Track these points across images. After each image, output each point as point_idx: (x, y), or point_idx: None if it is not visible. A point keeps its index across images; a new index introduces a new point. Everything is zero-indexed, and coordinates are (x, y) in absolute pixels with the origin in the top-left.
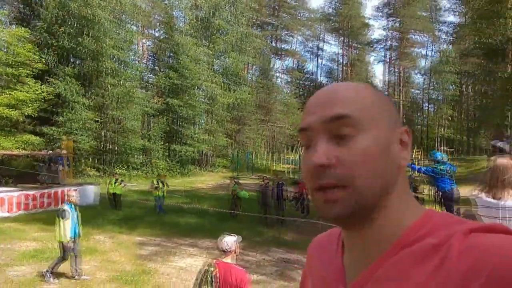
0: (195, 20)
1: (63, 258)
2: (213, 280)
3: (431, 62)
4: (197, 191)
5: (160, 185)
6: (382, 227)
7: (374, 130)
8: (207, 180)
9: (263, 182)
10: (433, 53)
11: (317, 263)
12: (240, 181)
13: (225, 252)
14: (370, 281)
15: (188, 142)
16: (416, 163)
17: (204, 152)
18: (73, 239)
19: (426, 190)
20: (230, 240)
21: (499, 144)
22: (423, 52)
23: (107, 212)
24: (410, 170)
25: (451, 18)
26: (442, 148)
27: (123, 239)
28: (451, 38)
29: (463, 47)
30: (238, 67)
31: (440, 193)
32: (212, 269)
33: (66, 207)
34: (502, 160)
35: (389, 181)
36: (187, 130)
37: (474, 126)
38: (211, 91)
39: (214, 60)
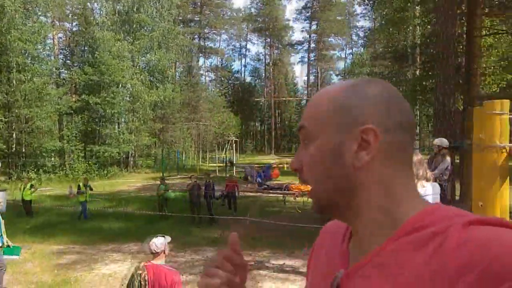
0: (114, 14)
1: None
2: (143, 283)
3: (346, 64)
4: (120, 193)
5: (83, 188)
6: (370, 218)
7: (320, 138)
8: (130, 182)
9: (192, 182)
10: (347, 55)
11: (325, 246)
12: (167, 181)
13: (154, 254)
14: (369, 265)
15: (108, 142)
16: None
17: (126, 152)
18: None
19: None
20: (158, 242)
21: None
22: (340, 54)
23: (18, 220)
24: None
25: (364, 23)
26: None
27: (38, 249)
28: (364, 42)
29: (375, 50)
30: (163, 64)
31: None
32: (140, 272)
33: None
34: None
35: (345, 180)
36: (107, 130)
37: None
38: (134, 89)
39: (139, 57)
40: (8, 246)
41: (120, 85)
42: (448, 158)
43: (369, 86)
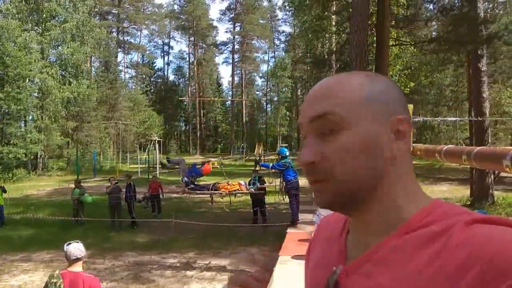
0: (21, 1)
1: None
2: None
3: (268, 67)
4: (29, 198)
5: None
6: (382, 213)
7: (356, 126)
8: (40, 186)
9: (111, 184)
10: (270, 58)
11: (322, 238)
12: (83, 184)
13: (70, 261)
14: (369, 262)
15: (13, 141)
16: (261, 158)
17: (35, 153)
18: None
19: (275, 182)
20: (74, 248)
21: None
22: (262, 56)
23: None
24: (265, 168)
25: (285, 28)
26: (280, 144)
27: None
28: (285, 46)
29: (295, 54)
30: (77, 58)
31: (285, 183)
32: (55, 280)
33: None
34: None
35: (376, 172)
36: (11, 128)
37: None
38: (44, 84)
39: (49, 49)
40: None
41: (27, 79)
42: None
43: (382, 79)
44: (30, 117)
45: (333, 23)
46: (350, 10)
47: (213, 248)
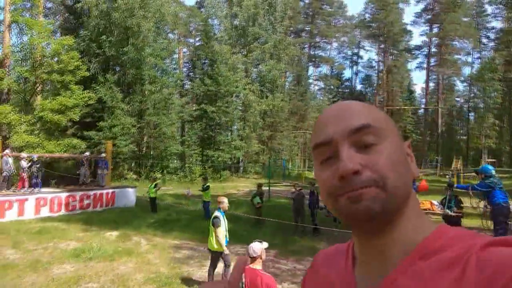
0: (231, 28)
1: (214, 266)
2: (240, 284)
3: (472, 69)
4: (229, 196)
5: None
6: (400, 235)
7: (391, 138)
8: (239, 186)
9: (295, 189)
10: (474, 59)
11: (324, 273)
12: (273, 188)
13: (251, 258)
14: None
15: (221, 147)
16: (458, 178)
17: (237, 158)
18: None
19: (469, 204)
20: (256, 247)
21: None
22: (464, 58)
23: (144, 215)
24: (462, 190)
25: (495, 23)
26: (486, 159)
27: (159, 242)
28: (495, 45)
29: (508, 53)
30: (273, 74)
31: (492, 207)
32: None
33: (218, 214)
34: None
35: (409, 188)
36: (221, 136)
37: None
38: (246, 98)
39: (251, 68)
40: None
41: (234, 95)
42: None
43: None
44: (235, 127)
45: None
46: None
47: None
